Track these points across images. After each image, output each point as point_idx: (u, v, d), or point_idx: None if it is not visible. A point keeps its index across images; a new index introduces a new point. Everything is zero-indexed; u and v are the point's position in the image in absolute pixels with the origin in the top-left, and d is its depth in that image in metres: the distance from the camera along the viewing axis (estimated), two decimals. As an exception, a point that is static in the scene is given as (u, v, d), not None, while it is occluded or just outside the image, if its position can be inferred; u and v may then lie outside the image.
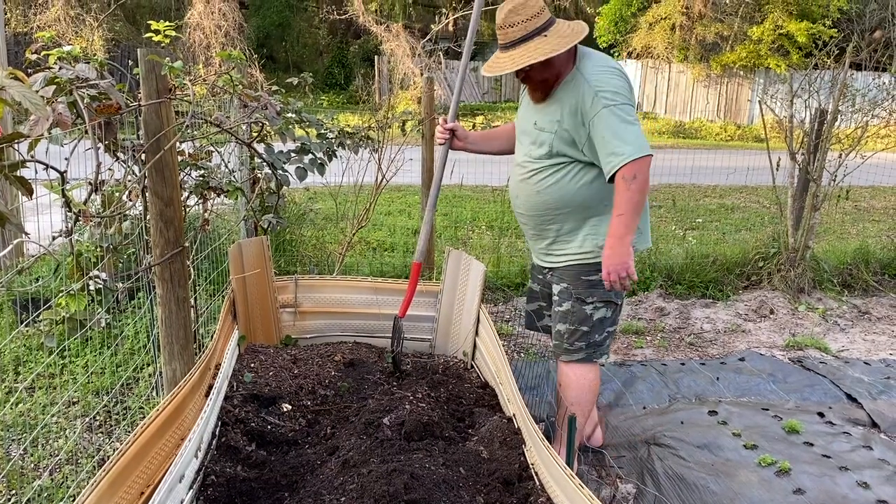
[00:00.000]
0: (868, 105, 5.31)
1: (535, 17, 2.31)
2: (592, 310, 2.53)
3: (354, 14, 16.71)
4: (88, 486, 1.52)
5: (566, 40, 2.29)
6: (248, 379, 2.77)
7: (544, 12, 2.34)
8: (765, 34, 17.41)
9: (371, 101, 8.48)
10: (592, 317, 2.53)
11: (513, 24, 2.31)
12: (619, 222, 2.27)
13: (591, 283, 2.49)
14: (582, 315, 2.54)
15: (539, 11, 2.32)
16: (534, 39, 2.30)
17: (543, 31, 2.31)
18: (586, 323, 2.54)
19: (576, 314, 2.55)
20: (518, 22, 2.31)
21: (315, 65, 22.18)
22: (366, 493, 1.93)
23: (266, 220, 3.28)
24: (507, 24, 2.33)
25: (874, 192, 9.91)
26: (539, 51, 2.27)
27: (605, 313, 2.54)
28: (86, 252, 2.42)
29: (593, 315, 2.53)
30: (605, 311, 2.54)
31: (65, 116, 1.78)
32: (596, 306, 2.52)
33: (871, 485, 2.75)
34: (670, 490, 2.71)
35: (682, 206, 8.47)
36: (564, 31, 2.33)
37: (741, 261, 5.42)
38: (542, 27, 2.31)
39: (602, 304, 2.53)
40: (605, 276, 2.30)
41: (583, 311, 2.54)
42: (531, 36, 2.30)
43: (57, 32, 13.30)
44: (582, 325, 2.55)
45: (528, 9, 2.31)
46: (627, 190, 2.24)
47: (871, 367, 3.93)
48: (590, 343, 2.57)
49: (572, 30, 2.33)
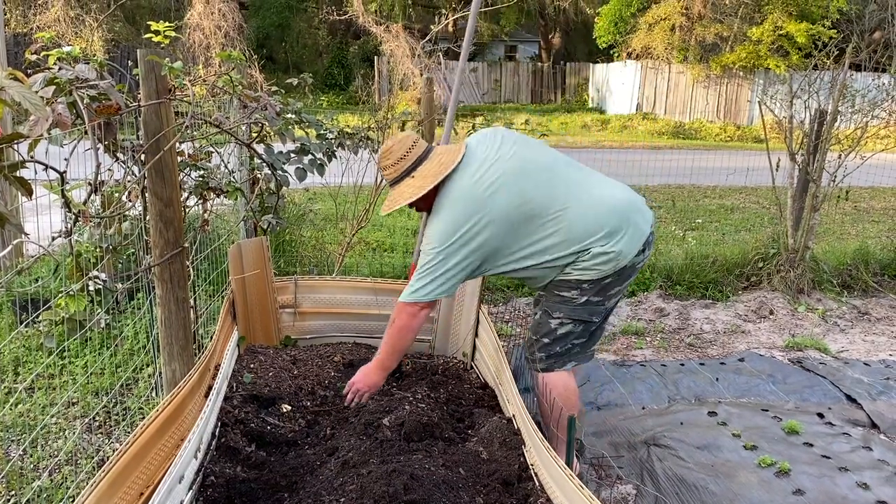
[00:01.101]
0: (867, 106, 5.31)
1: (403, 158, 2.47)
2: (558, 325, 2.52)
3: (354, 15, 16.71)
4: (88, 486, 1.52)
5: (429, 180, 2.41)
6: (248, 380, 2.77)
7: (412, 151, 2.47)
8: (764, 35, 17.43)
9: (371, 102, 8.47)
10: (556, 331, 2.53)
11: (386, 167, 2.51)
12: (376, 360, 2.57)
13: (563, 298, 2.48)
14: (546, 328, 2.54)
15: (406, 152, 2.47)
16: (403, 181, 2.47)
17: (412, 171, 2.46)
18: (549, 335, 2.54)
19: (541, 325, 2.56)
20: (389, 165, 2.49)
21: (315, 65, 22.19)
22: (365, 494, 1.93)
23: (266, 220, 3.28)
24: (383, 167, 2.53)
25: (874, 193, 9.91)
26: (403, 196, 2.45)
27: (573, 328, 2.52)
28: (85, 252, 2.42)
29: (558, 329, 2.52)
30: (571, 326, 2.52)
31: (64, 117, 1.77)
32: (563, 322, 2.51)
33: (871, 485, 2.75)
34: (670, 491, 2.71)
35: (681, 207, 8.47)
36: (432, 169, 2.44)
37: (741, 261, 5.41)
38: (410, 167, 2.46)
39: (570, 321, 2.51)
40: (347, 387, 2.59)
41: (548, 324, 2.53)
42: (401, 178, 2.48)
43: (56, 33, 13.28)
44: (544, 337, 2.55)
45: (395, 153, 2.47)
46: (389, 328, 2.52)
47: (870, 368, 3.93)
48: (550, 354, 2.55)
49: (440, 165, 2.44)
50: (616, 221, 2.40)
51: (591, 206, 2.41)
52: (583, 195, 2.42)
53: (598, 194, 2.45)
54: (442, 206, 2.41)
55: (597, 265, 2.39)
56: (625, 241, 2.40)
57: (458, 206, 2.38)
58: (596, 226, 2.39)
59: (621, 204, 2.46)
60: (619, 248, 2.39)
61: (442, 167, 2.43)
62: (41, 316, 2.27)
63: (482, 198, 2.36)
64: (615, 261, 2.40)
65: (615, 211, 2.42)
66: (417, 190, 2.43)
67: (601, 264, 2.39)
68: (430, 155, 2.48)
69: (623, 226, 2.41)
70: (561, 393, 2.54)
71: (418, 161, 2.46)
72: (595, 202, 2.42)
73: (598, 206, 2.42)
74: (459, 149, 2.49)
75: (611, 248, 2.38)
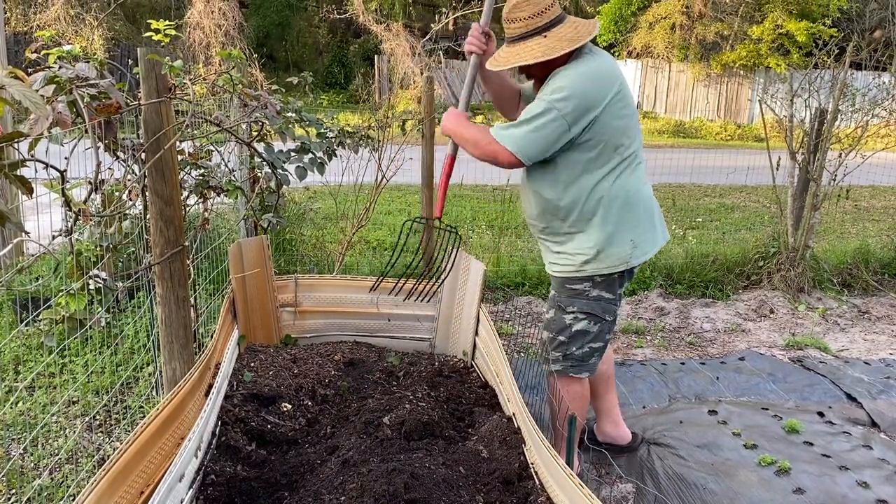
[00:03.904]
0: (868, 104, 5.31)
1: (539, 14, 2.24)
2: (572, 320, 2.46)
3: (354, 13, 16.71)
4: (88, 485, 1.52)
5: (563, 45, 2.22)
6: (248, 378, 2.77)
7: (550, 10, 2.26)
8: (765, 33, 17.42)
9: (371, 101, 8.47)
10: (571, 327, 2.46)
11: (516, 20, 2.27)
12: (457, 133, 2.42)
13: (575, 292, 2.43)
14: (561, 324, 2.48)
15: (544, 9, 2.25)
16: (533, 38, 2.25)
17: (544, 31, 2.25)
18: (564, 333, 2.48)
19: (556, 322, 2.50)
20: (520, 18, 2.26)
21: (315, 64, 22.16)
22: (366, 493, 1.93)
23: (266, 219, 3.28)
24: (511, 19, 2.30)
25: (874, 192, 9.91)
26: (531, 53, 2.23)
27: (587, 326, 2.46)
28: (86, 251, 2.42)
29: (572, 325, 2.46)
30: (586, 323, 2.45)
31: (65, 115, 1.77)
32: (577, 317, 2.45)
33: (871, 484, 2.75)
34: (670, 489, 2.71)
35: (682, 206, 8.47)
36: (567, 33, 2.25)
37: (741, 260, 5.41)
38: (544, 27, 2.25)
39: (584, 315, 2.45)
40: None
41: (562, 321, 2.47)
42: (531, 35, 2.26)
43: (57, 31, 13.27)
44: (560, 335, 2.49)
45: (532, 6, 2.25)
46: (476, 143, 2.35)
47: (870, 367, 3.93)
48: (566, 355, 2.50)
49: (577, 32, 2.26)
50: (650, 216, 2.45)
51: (646, 186, 2.46)
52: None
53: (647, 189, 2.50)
54: (582, 65, 2.24)
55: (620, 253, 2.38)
56: (650, 239, 2.44)
57: (602, 68, 2.25)
58: (641, 207, 2.40)
59: (655, 204, 2.50)
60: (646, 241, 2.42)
61: (578, 35, 2.24)
62: (41, 315, 2.27)
63: (623, 92, 2.26)
64: (634, 256, 2.40)
65: (653, 206, 2.48)
66: (549, 51, 2.21)
67: (624, 254, 2.38)
68: (566, 19, 2.28)
69: (655, 224, 2.46)
70: (573, 398, 2.54)
71: (556, 20, 2.26)
72: (647, 187, 2.47)
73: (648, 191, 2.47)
74: (595, 23, 2.32)
75: (639, 237, 2.39)
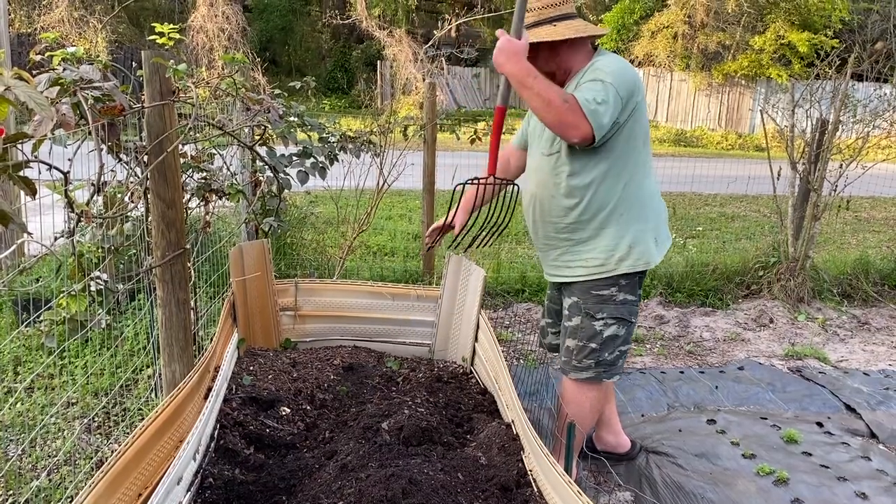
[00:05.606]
0: (869, 116, 5.33)
1: (552, 6, 2.35)
2: (602, 326, 2.45)
3: (357, 19, 16.77)
4: (86, 487, 1.51)
5: (570, 32, 2.31)
6: (248, 382, 2.77)
7: (563, 5, 2.37)
8: (766, 44, 17.46)
9: (373, 106, 8.48)
10: (602, 333, 2.45)
11: (531, 9, 2.37)
12: (522, 80, 2.15)
13: (602, 297, 2.43)
14: (591, 331, 2.46)
15: (555, 3, 2.35)
16: (542, 27, 2.34)
17: (555, 21, 2.35)
18: (595, 339, 2.47)
19: (585, 330, 2.47)
20: (534, 7, 2.36)
21: (318, 69, 22.22)
22: (364, 498, 1.93)
23: (267, 223, 3.28)
24: (529, 7, 2.40)
25: (874, 203, 9.91)
26: (539, 35, 2.32)
27: (617, 331, 2.46)
28: (87, 253, 2.42)
29: (603, 332, 2.45)
30: (616, 328, 2.45)
31: (68, 117, 1.78)
32: (606, 322, 2.45)
33: (869, 495, 2.75)
34: (668, 498, 2.71)
35: (682, 215, 8.47)
36: (576, 25, 2.35)
37: (741, 270, 5.42)
38: (556, 17, 2.35)
39: (613, 320, 2.45)
40: None
41: (592, 328, 2.46)
42: (541, 23, 2.35)
43: (61, 34, 13.31)
44: (591, 342, 2.47)
45: None
46: (550, 103, 2.12)
47: (870, 378, 3.92)
48: (599, 361, 2.49)
49: (586, 27, 2.36)
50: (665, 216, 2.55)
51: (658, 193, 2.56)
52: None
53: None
54: (611, 59, 2.32)
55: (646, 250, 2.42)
56: (665, 237, 2.53)
57: (632, 68, 2.34)
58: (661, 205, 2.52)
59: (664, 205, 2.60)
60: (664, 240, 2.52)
61: (587, 29, 2.35)
62: (42, 315, 2.27)
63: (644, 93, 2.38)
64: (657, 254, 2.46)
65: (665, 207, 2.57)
66: (557, 35, 2.31)
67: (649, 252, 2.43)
68: (575, 17, 2.40)
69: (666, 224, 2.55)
70: (591, 405, 2.58)
71: (565, 16, 2.37)
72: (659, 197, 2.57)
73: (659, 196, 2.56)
74: (604, 29, 2.46)
75: (660, 235, 2.48)
